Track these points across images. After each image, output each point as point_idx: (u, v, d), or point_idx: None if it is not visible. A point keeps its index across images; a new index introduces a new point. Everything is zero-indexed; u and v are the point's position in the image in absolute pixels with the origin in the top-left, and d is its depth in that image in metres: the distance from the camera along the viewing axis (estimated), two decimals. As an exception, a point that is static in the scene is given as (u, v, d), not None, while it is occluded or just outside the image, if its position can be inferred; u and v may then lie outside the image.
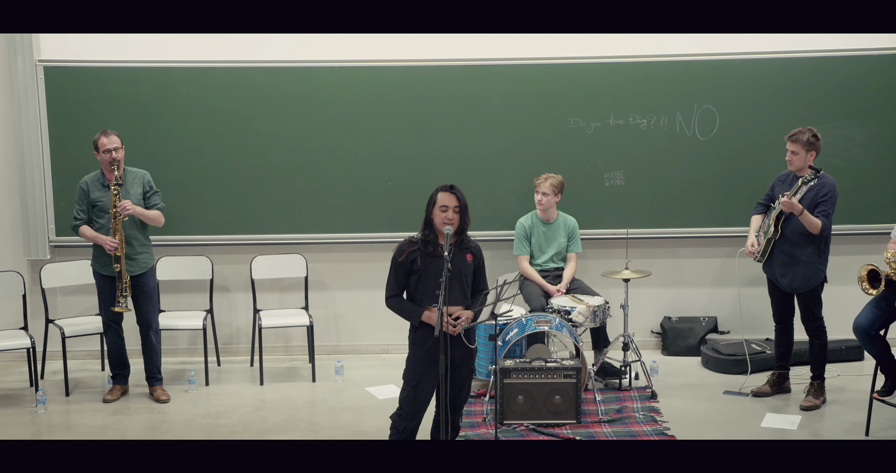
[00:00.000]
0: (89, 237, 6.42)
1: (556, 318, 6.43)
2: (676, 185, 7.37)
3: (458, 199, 5.05)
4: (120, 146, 6.35)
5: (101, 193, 6.41)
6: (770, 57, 7.22)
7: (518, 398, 5.91)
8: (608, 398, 6.49)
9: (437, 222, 5.06)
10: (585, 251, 7.33)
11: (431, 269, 5.04)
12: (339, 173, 7.32)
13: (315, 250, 7.45)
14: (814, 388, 6.36)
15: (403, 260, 5.08)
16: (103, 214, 6.39)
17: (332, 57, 7.22)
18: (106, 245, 6.32)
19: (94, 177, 6.46)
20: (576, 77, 7.26)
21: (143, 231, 6.52)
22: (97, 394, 6.76)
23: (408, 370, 5.18)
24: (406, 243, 5.15)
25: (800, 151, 6.05)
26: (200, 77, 7.18)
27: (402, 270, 5.10)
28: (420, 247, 5.08)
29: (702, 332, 7.47)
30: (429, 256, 5.06)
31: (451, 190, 5.06)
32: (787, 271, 6.19)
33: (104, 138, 6.34)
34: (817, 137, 6.08)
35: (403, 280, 5.12)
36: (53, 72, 7.12)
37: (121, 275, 6.37)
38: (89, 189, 6.42)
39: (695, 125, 7.28)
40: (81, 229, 6.44)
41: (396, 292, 5.12)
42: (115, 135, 6.37)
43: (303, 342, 7.44)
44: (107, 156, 6.31)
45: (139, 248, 6.47)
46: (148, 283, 6.56)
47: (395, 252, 5.14)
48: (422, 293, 5.08)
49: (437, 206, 5.05)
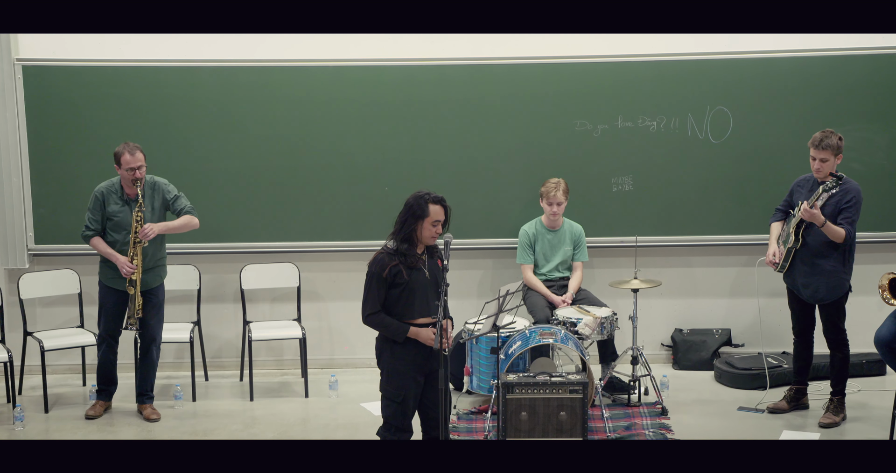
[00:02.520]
0: (103, 252, 6.35)
1: (562, 330, 6.40)
2: (688, 190, 7.34)
3: (447, 211, 5.03)
4: (143, 163, 6.25)
5: (118, 207, 6.31)
6: (786, 56, 7.18)
7: (521, 415, 5.88)
8: (616, 414, 6.47)
9: (424, 236, 5.00)
10: (592, 260, 7.29)
11: (415, 281, 4.98)
12: (334, 178, 7.29)
13: (308, 259, 7.42)
14: (833, 404, 6.32)
15: (387, 275, 4.98)
16: (119, 230, 6.31)
17: (328, 56, 7.19)
18: (123, 268, 6.26)
19: (112, 188, 6.35)
20: (582, 77, 7.23)
21: (162, 242, 6.48)
22: (78, 410, 6.72)
23: (390, 385, 5.09)
24: (385, 255, 5.02)
25: (829, 157, 5.97)
26: (188, 77, 7.15)
27: (384, 285, 4.99)
28: (400, 260, 5.00)
29: (715, 345, 7.42)
30: (410, 268, 4.99)
31: (443, 203, 5.02)
32: (810, 281, 6.14)
33: (129, 156, 6.19)
34: (842, 138, 6.03)
35: (384, 296, 5.03)
36: (32, 71, 7.08)
37: (134, 297, 6.33)
38: (105, 200, 6.32)
39: (707, 127, 7.25)
40: (94, 241, 6.37)
41: (378, 309, 5.02)
42: (139, 151, 6.23)
43: (295, 355, 7.41)
44: (130, 174, 6.21)
45: (155, 262, 6.44)
46: (158, 295, 6.52)
47: (375, 266, 5.01)
48: (404, 308, 5.01)
49: (428, 220, 4.97)
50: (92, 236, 6.37)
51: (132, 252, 6.28)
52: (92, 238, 6.37)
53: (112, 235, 6.35)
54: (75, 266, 7.04)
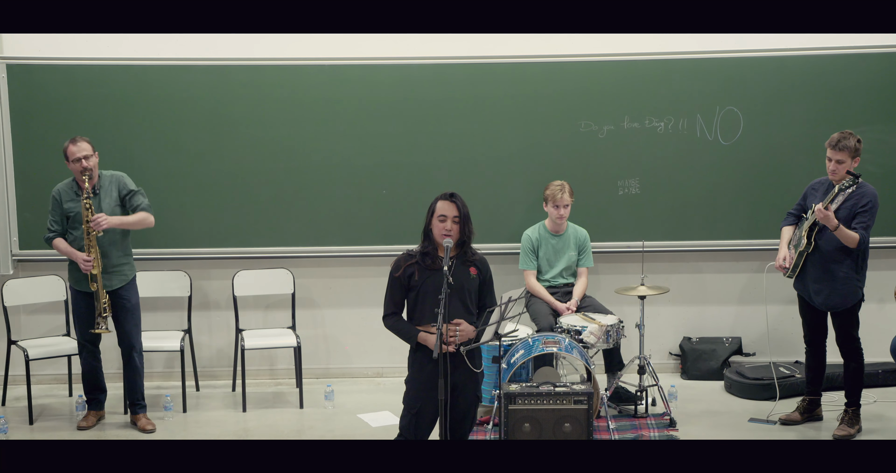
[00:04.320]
0: (63, 252, 6.35)
1: (566, 338, 6.39)
2: (697, 193, 7.32)
3: (459, 208, 5.01)
4: (91, 153, 6.25)
5: (74, 203, 6.32)
6: (799, 54, 7.16)
7: (524, 426, 5.85)
8: (622, 426, 6.45)
9: (435, 233, 5.02)
10: (598, 266, 7.27)
11: (430, 284, 4.98)
12: (331, 181, 7.28)
13: (303, 265, 7.41)
14: (848, 416, 6.29)
15: (401, 275, 5.03)
16: (78, 225, 6.31)
17: (324, 55, 7.18)
18: (80, 265, 6.25)
19: (68, 185, 6.37)
20: (587, 76, 7.21)
21: (124, 239, 6.44)
22: (64, 422, 6.70)
23: (408, 394, 5.13)
24: (403, 256, 5.11)
25: (846, 159, 5.93)
26: (180, 76, 7.13)
27: (399, 286, 5.06)
28: (419, 260, 5.01)
29: (725, 354, 7.42)
30: (428, 269, 5.00)
31: (452, 198, 5.03)
32: (822, 287, 6.11)
33: (72, 146, 6.22)
34: (860, 141, 6.00)
35: (401, 297, 5.07)
36: (17, 70, 7.07)
37: (98, 294, 6.30)
38: (62, 198, 6.33)
39: (717, 128, 7.24)
40: (55, 242, 6.37)
41: (394, 311, 5.09)
42: (84, 141, 6.26)
43: (289, 364, 7.41)
44: (77, 165, 6.21)
45: (117, 259, 6.39)
46: (129, 299, 6.48)
47: (392, 267, 5.11)
48: (420, 312, 5.03)
49: (435, 215, 5.02)
50: (54, 238, 6.36)
51: (87, 244, 6.24)
52: (54, 240, 6.36)
53: (72, 232, 6.34)
54: (61, 273, 6.97)
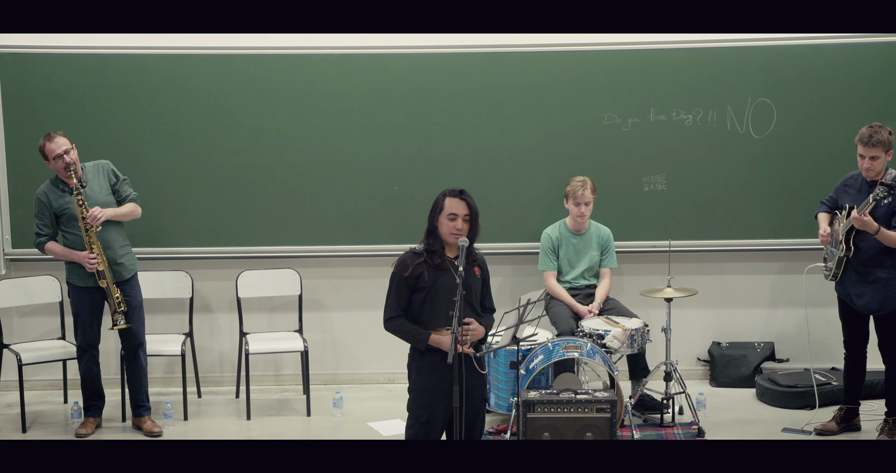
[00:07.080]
0: (60, 255, 6.39)
1: (588, 343, 6.39)
2: (727, 190, 7.31)
3: (470, 206, 4.98)
4: (70, 146, 6.27)
5: (65, 199, 6.33)
6: (835, 42, 7.15)
7: (543, 436, 5.84)
8: (648, 435, 6.46)
9: (443, 232, 4.99)
10: (621, 266, 7.27)
11: (441, 284, 4.95)
12: (339, 177, 7.29)
13: (311, 265, 7.42)
14: (888, 426, 6.28)
15: (409, 275, 4.98)
16: (74, 223, 6.32)
17: (331, 43, 7.17)
18: (85, 264, 6.27)
19: (52, 184, 6.39)
20: (610, 66, 7.21)
21: (120, 228, 6.49)
22: (59, 429, 6.73)
23: (414, 403, 5.07)
24: (409, 255, 5.05)
25: (880, 154, 5.92)
26: (180, 65, 7.15)
27: (405, 287, 5.01)
28: (426, 259, 4.96)
29: (757, 360, 7.41)
30: (436, 269, 4.95)
31: (462, 196, 5.00)
32: (864, 290, 6.10)
33: (50, 144, 6.25)
34: (892, 132, 5.98)
35: (406, 299, 5.02)
36: (9, 59, 7.09)
37: (109, 290, 6.34)
38: (49, 199, 6.35)
39: (748, 121, 7.22)
40: (49, 247, 6.39)
41: (399, 313, 5.03)
42: (60, 136, 6.29)
43: (296, 370, 7.44)
44: (58, 162, 6.24)
45: (121, 250, 6.44)
46: (134, 296, 6.53)
47: (397, 266, 5.04)
48: (429, 314, 4.98)
49: (444, 213, 4.98)
50: (46, 242, 6.40)
51: (88, 241, 6.27)
52: (46, 244, 6.40)
53: (69, 232, 6.37)
54: (55, 273, 7.01)
